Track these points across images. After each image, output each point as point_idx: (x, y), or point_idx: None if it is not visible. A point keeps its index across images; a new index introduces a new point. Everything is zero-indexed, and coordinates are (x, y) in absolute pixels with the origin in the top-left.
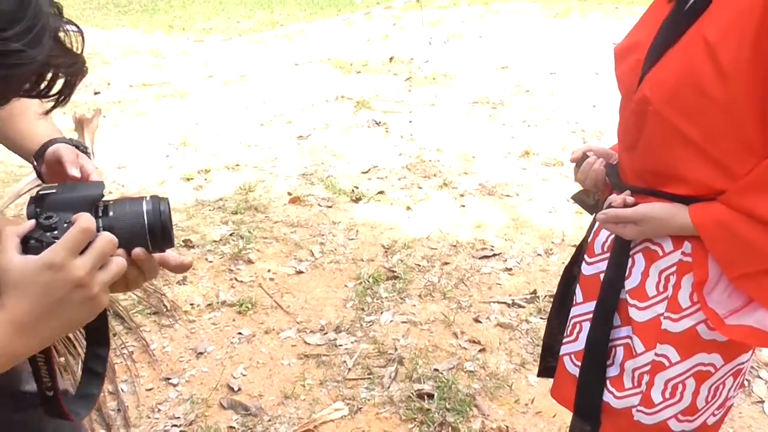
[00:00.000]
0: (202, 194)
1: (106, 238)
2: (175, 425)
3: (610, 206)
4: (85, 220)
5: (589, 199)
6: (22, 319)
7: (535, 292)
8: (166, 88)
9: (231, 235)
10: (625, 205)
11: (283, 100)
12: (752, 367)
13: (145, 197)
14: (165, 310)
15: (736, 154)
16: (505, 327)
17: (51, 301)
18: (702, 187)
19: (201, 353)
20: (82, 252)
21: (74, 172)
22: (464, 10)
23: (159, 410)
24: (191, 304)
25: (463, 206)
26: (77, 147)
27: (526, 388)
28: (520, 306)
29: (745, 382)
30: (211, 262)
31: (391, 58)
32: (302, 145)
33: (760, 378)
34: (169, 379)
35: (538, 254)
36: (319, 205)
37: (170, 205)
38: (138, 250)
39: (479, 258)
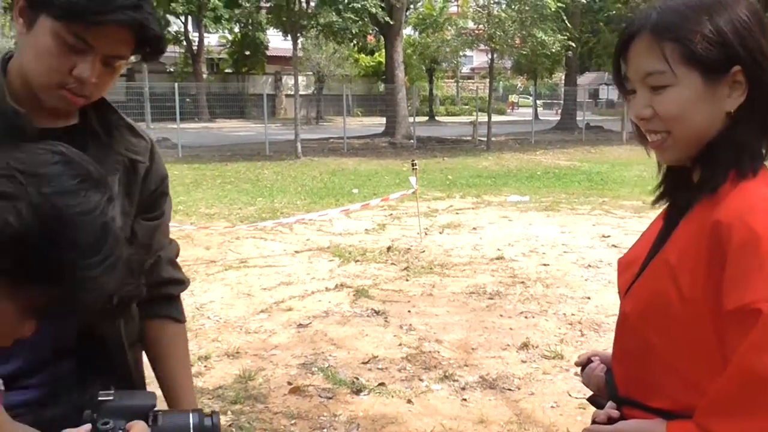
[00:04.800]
0: (202, 382)
1: None
2: None
3: (594, 422)
4: (140, 428)
5: (605, 402)
6: None
7: None
8: None
9: (230, 425)
10: (609, 420)
11: (283, 287)
12: None
13: (193, 411)
14: None
15: (703, 370)
16: None
17: None
18: (679, 402)
19: None
20: None
21: None
22: (457, 202)
23: None
24: None
25: (465, 400)
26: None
27: None
28: None
29: None
30: None
31: (388, 248)
32: (302, 334)
33: None
34: None
35: None
36: (319, 396)
37: (219, 421)
38: None
39: None
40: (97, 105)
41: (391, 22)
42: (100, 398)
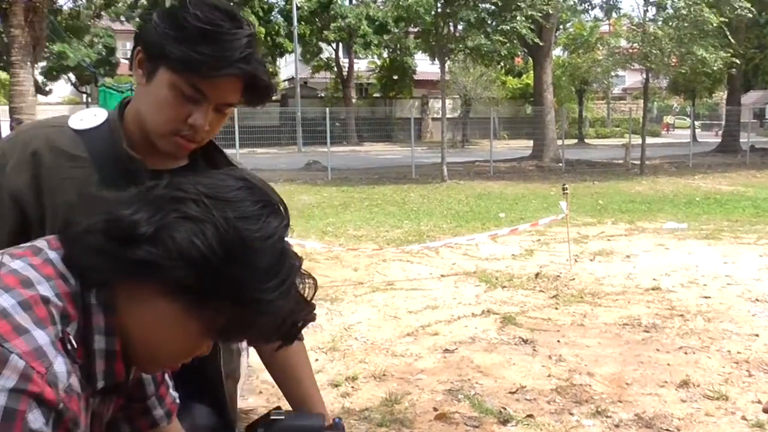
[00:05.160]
0: (349, 402)
1: None
2: None
3: None
4: None
5: None
6: None
7: None
8: (317, 292)
9: None
10: None
11: (429, 311)
12: None
13: None
14: None
15: None
16: None
17: None
18: None
19: None
20: None
21: None
22: (609, 228)
23: None
24: None
25: None
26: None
27: None
28: None
29: None
30: None
31: (537, 274)
32: (448, 359)
33: None
34: None
35: None
36: (465, 424)
37: None
38: None
39: None
40: (205, 147)
41: (541, 44)
42: (272, 417)
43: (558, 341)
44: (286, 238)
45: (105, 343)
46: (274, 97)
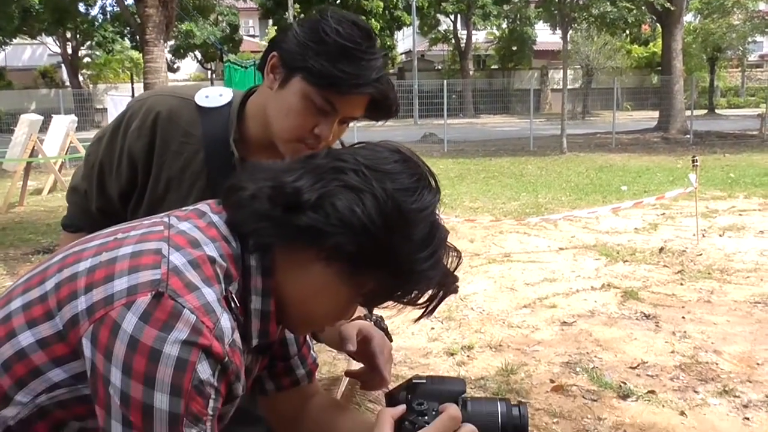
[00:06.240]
0: (465, 371)
1: (470, 428)
2: None
3: None
4: (454, 410)
5: None
6: None
7: None
8: None
9: None
10: None
11: (546, 283)
12: None
13: (501, 399)
14: None
15: None
16: None
17: None
18: None
19: None
20: None
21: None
22: (741, 202)
23: None
24: None
25: (747, 419)
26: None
27: None
28: None
29: None
30: None
31: (661, 249)
32: (566, 332)
33: None
34: None
35: None
36: (583, 397)
37: (527, 412)
38: None
39: None
40: None
41: (672, 8)
42: (414, 381)
43: (683, 317)
44: (437, 212)
45: (261, 303)
46: (391, 70)
